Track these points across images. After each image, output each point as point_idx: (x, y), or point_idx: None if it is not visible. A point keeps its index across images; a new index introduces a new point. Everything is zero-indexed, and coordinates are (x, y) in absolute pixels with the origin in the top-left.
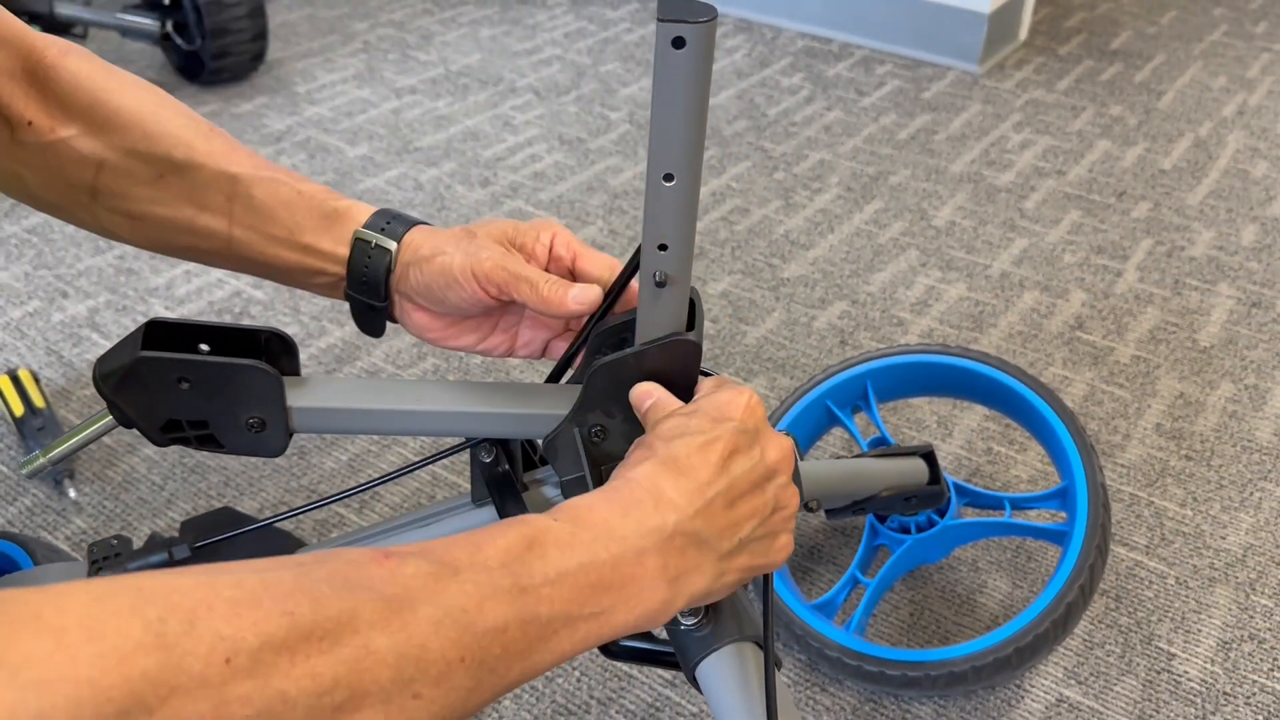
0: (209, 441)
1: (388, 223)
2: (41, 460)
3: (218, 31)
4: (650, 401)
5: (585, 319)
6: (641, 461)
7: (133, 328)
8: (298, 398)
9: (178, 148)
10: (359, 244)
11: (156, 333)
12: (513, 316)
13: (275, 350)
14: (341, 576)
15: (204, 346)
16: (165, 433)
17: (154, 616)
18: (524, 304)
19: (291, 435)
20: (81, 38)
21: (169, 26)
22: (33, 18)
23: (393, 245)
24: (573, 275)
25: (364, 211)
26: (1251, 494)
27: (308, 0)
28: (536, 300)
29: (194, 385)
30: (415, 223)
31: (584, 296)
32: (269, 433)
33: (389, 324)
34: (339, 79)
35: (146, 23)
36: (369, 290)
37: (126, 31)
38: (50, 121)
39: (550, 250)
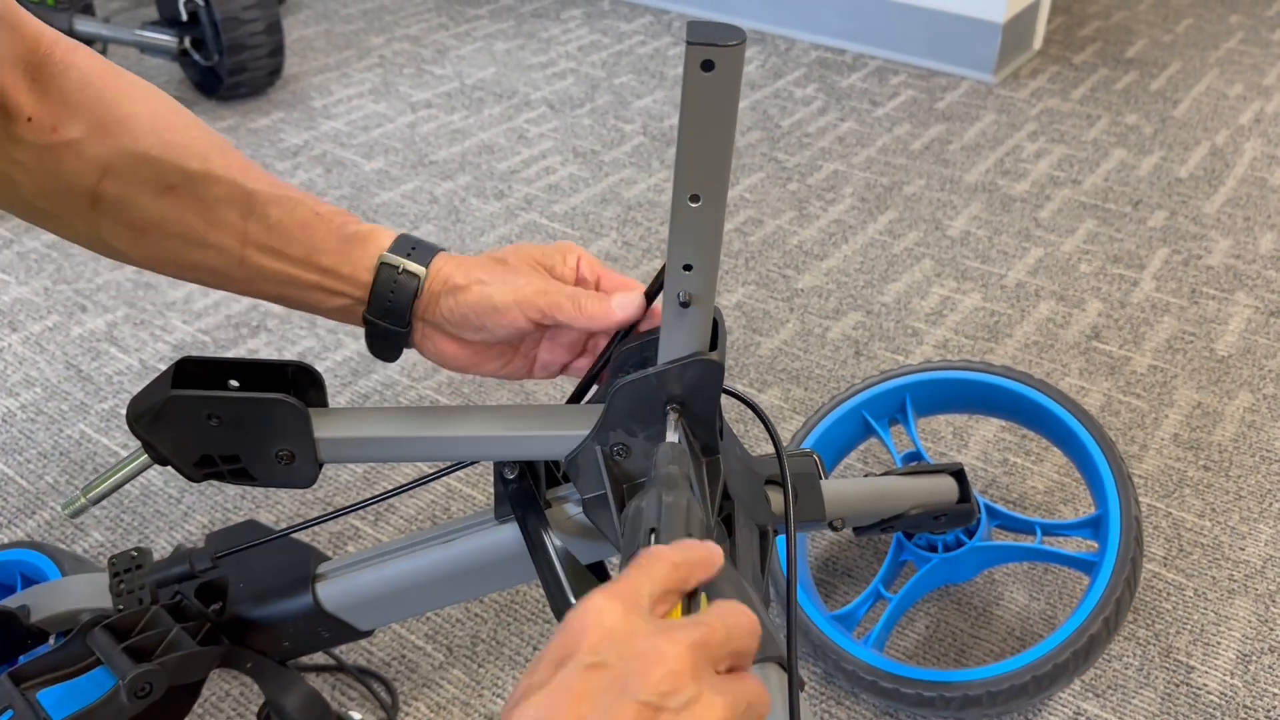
0: (242, 475)
1: (413, 248)
2: (83, 500)
3: (235, 47)
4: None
5: (609, 339)
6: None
7: (151, 342)
8: (324, 429)
9: (193, 158)
10: (384, 268)
11: (187, 371)
12: (533, 340)
13: (302, 383)
14: None
15: (233, 382)
16: (199, 468)
17: None
18: (567, 323)
19: (321, 466)
20: (100, 54)
21: (187, 42)
22: None
23: (421, 270)
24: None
25: (385, 236)
26: (1271, 505)
27: (324, 16)
28: (580, 317)
29: (223, 421)
30: (438, 250)
31: (628, 303)
32: (299, 464)
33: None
34: (355, 93)
35: (164, 39)
36: (392, 316)
37: (145, 48)
38: (52, 120)
39: (577, 272)
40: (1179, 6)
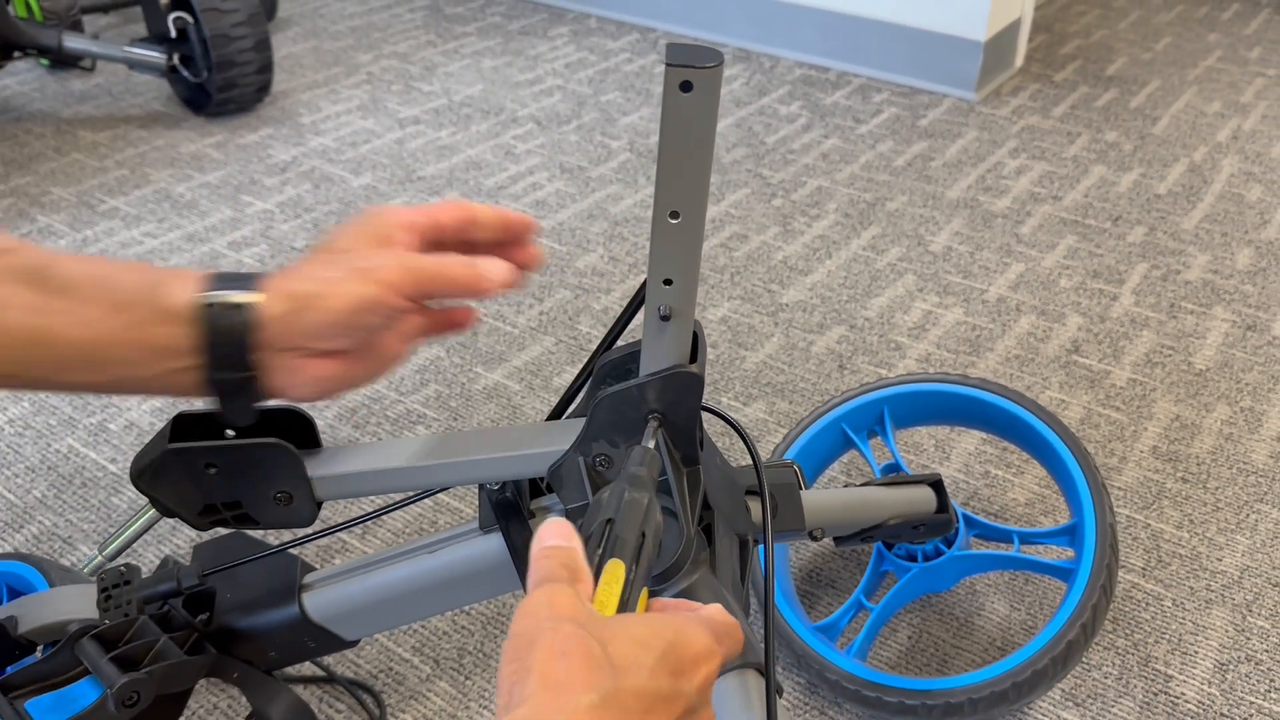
0: (245, 520)
1: (231, 280)
2: (100, 558)
3: (223, 63)
4: (551, 544)
5: (592, 353)
6: (584, 688)
7: None
8: (317, 468)
9: None
10: (207, 309)
11: (183, 425)
12: (390, 329)
13: (294, 426)
14: None
15: (230, 432)
16: (204, 517)
17: None
18: (442, 294)
19: (320, 504)
20: (89, 70)
21: (175, 59)
22: (42, 51)
23: (253, 297)
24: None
25: (191, 278)
26: (1248, 516)
27: (312, 32)
28: (455, 288)
29: (220, 470)
30: (258, 274)
31: (494, 271)
32: (297, 504)
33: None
34: (343, 110)
35: (153, 55)
36: (231, 359)
37: (133, 64)
38: None
39: (409, 222)
40: (1158, 25)
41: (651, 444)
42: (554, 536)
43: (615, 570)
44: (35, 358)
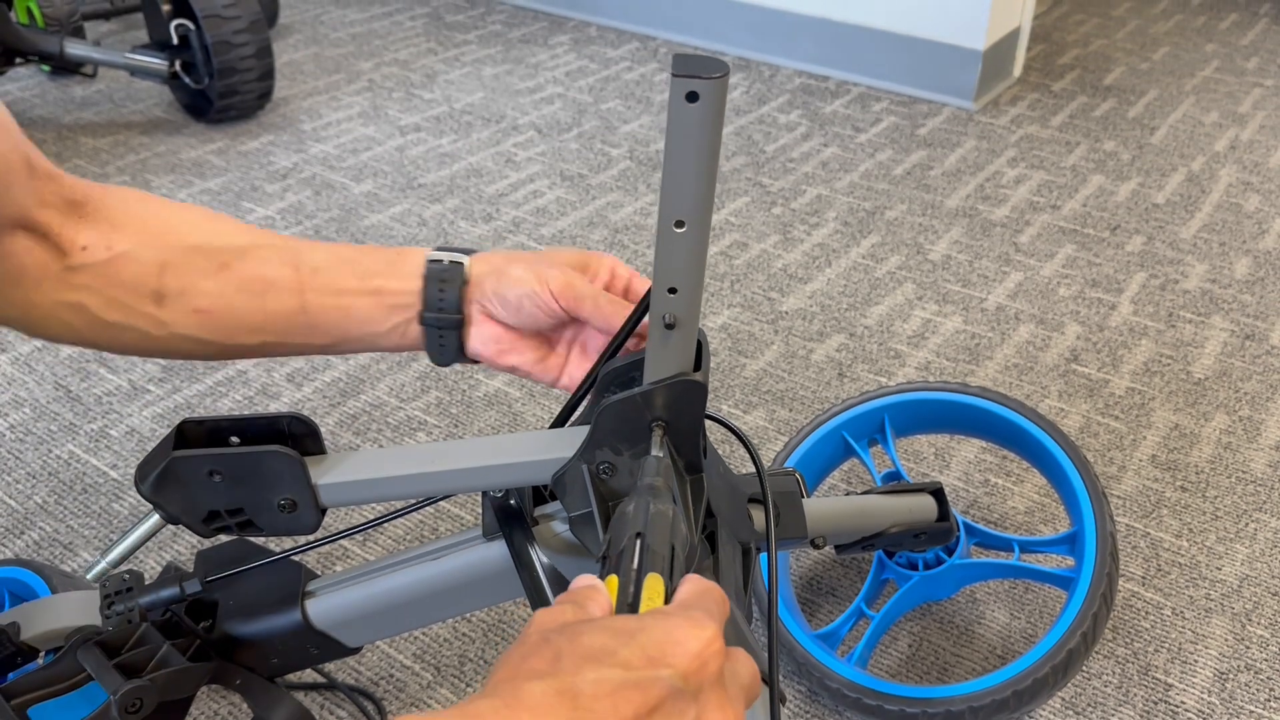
0: (248, 527)
1: (451, 249)
2: (103, 564)
3: (225, 70)
4: (584, 585)
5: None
6: (537, 676)
7: (140, 362)
8: (321, 475)
9: (240, 236)
10: (432, 265)
11: (188, 432)
12: (566, 342)
13: (298, 433)
14: None
15: (234, 439)
16: (208, 524)
17: None
18: (586, 319)
19: (324, 512)
20: (91, 76)
21: (177, 66)
22: (43, 58)
23: (465, 259)
24: (627, 296)
25: (422, 251)
26: (1247, 525)
27: (314, 40)
28: (597, 315)
29: (225, 477)
30: (472, 249)
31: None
32: (301, 512)
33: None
34: (344, 117)
35: (155, 62)
36: (446, 305)
37: (135, 71)
38: (105, 240)
39: (611, 274)
40: (1156, 35)
41: (660, 453)
42: (581, 581)
43: (656, 585)
44: (296, 325)
